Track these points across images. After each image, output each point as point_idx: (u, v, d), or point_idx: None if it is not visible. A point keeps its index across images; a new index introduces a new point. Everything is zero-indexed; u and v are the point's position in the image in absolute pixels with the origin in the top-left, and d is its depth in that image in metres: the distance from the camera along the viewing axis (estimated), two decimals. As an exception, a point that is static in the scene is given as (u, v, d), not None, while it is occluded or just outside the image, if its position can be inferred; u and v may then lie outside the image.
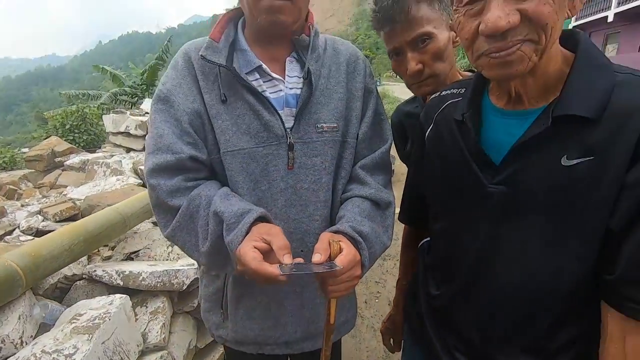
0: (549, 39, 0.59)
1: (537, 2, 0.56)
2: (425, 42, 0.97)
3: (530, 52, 0.60)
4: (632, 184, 0.58)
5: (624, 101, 0.60)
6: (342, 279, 0.75)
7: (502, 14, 0.57)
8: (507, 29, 0.57)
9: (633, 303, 0.60)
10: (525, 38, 0.59)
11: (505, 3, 0.57)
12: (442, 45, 0.97)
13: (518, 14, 0.57)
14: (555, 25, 0.59)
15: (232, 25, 0.93)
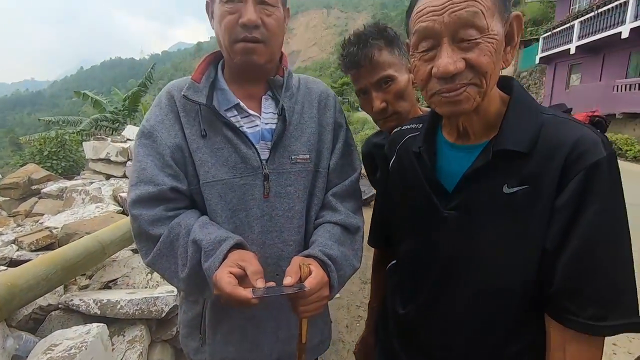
0: (488, 83, 0.71)
1: (478, 53, 0.67)
2: (388, 84, 1.08)
3: (475, 94, 0.71)
4: (560, 209, 0.69)
5: (550, 138, 0.71)
6: (312, 300, 0.80)
7: (451, 61, 0.67)
8: (455, 73, 0.68)
9: (569, 314, 0.68)
10: (469, 82, 0.70)
11: (453, 52, 0.68)
12: (403, 86, 1.09)
13: (463, 61, 0.68)
14: (493, 73, 0.70)
15: (213, 67, 1.02)
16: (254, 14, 0.87)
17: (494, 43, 0.67)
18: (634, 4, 12.34)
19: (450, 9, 0.65)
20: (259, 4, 0.88)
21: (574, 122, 0.74)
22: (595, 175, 0.66)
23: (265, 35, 0.90)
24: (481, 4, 0.64)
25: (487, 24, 0.65)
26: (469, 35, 0.65)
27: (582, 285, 0.67)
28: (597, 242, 0.66)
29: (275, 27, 0.92)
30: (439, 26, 0.66)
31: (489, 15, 0.65)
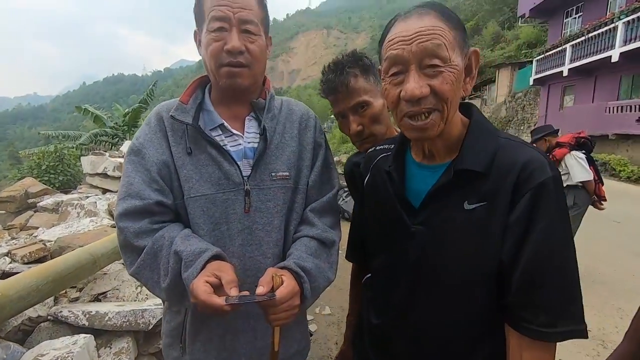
0: (449, 109, 0.79)
1: (441, 81, 0.76)
2: (364, 108, 1.15)
3: (439, 120, 0.79)
4: (512, 224, 0.75)
5: (504, 159, 0.79)
6: (282, 308, 0.84)
7: (417, 86, 0.75)
8: (420, 97, 0.76)
9: (523, 322, 0.74)
10: (433, 107, 0.77)
11: (419, 78, 0.76)
12: (378, 111, 1.16)
13: (428, 87, 0.76)
14: (453, 100, 0.78)
15: (200, 90, 1.10)
16: (238, 42, 0.95)
17: (455, 73, 0.75)
18: (623, 29, 12.74)
19: (418, 40, 0.73)
20: (243, 32, 0.97)
21: (525, 146, 0.82)
22: (542, 194, 0.73)
23: (249, 60, 0.98)
24: (444, 37, 0.73)
25: (449, 55, 0.74)
26: (433, 63, 0.74)
27: (533, 295, 0.73)
28: (545, 256, 0.72)
29: (258, 53, 1.00)
30: (407, 54, 0.74)
31: (450, 48, 0.74)
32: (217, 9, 0.94)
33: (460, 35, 0.77)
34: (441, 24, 0.74)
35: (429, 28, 0.73)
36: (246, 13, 0.95)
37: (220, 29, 0.95)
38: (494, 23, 30.71)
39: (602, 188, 3.93)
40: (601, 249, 5.06)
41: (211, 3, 0.95)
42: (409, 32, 0.74)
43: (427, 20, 0.74)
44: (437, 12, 0.75)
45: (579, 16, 17.12)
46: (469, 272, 0.80)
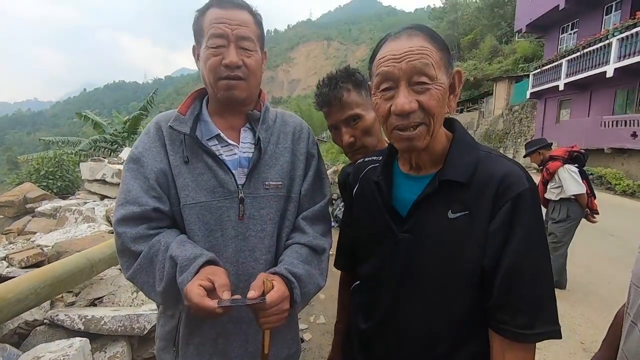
0: (435, 123, 0.84)
1: (428, 97, 0.81)
2: (356, 121, 1.21)
3: (425, 133, 0.84)
4: (493, 233, 0.80)
5: (485, 172, 0.84)
6: (272, 312, 0.87)
7: (407, 101, 0.80)
8: (410, 112, 0.81)
9: (503, 324, 0.79)
10: (421, 121, 0.83)
11: (409, 94, 0.81)
12: (369, 124, 1.21)
13: (417, 102, 0.81)
14: (439, 115, 0.84)
15: (198, 102, 1.15)
16: (236, 56, 1.00)
17: (441, 90, 0.81)
18: (617, 45, 12.98)
19: (408, 59, 0.79)
20: (240, 48, 1.02)
21: (503, 159, 0.87)
22: (520, 204, 0.78)
23: (245, 73, 1.04)
24: (431, 57, 0.79)
25: (436, 74, 0.80)
26: (421, 80, 0.79)
27: (511, 299, 0.78)
28: (522, 263, 0.78)
29: (254, 66, 1.06)
30: (397, 71, 0.79)
31: (437, 67, 0.80)
32: (215, 26, 0.99)
33: (446, 57, 0.83)
34: (429, 45, 0.80)
35: (418, 48, 0.79)
36: (243, 30, 1.01)
37: (218, 45, 1.00)
38: (492, 37, 31.18)
39: (594, 201, 3.99)
40: (596, 262, 5.09)
41: (210, 21, 1.00)
42: (400, 51, 0.80)
43: (416, 40, 0.80)
44: (425, 34, 0.81)
45: (574, 32, 17.45)
46: (452, 277, 0.84)
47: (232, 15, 1.00)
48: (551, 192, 4.05)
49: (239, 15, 1.02)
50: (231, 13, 1.00)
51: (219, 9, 1.01)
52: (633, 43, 12.34)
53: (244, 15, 1.03)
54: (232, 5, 1.02)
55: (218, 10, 1.01)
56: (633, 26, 12.36)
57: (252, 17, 1.05)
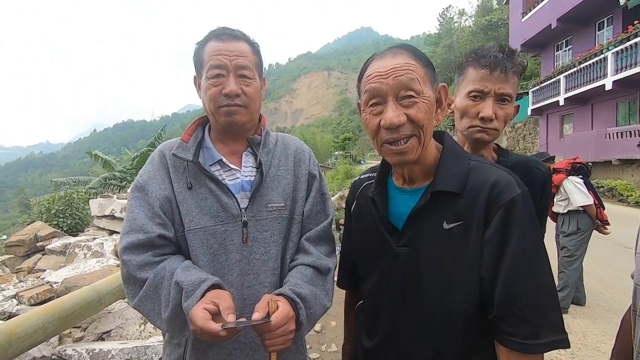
0: (425, 135, 0.86)
1: (416, 110, 0.84)
2: (506, 102, 1.15)
3: (416, 145, 0.86)
4: (488, 241, 0.80)
5: (476, 180, 0.85)
6: (277, 333, 0.86)
7: (395, 115, 0.82)
8: (398, 125, 0.84)
9: (507, 335, 0.77)
10: (411, 133, 0.85)
11: (397, 108, 0.84)
12: (511, 113, 1.17)
13: (405, 116, 0.84)
14: (428, 127, 0.86)
15: (201, 128, 1.19)
16: (235, 86, 1.05)
17: (427, 103, 0.84)
18: (613, 59, 13.16)
19: (394, 75, 0.83)
20: (239, 77, 1.06)
21: (493, 167, 0.89)
22: (512, 210, 0.79)
23: (245, 101, 1.08)
24: (416, 73, 0.83)
25: (421, 88, 0.83)
26: (408, 94, 0.83)
27: (512, 308, 0.76)
28: (519, 269, 0.77)
29: (254, 94, 1.10)
30: (385, 87, 0.83)
31: (422, 82, 0.83)
32: (215, 57, 1.04)
33: (430, 72, 0.86)
34: (413, 61, 0.84)
35: (402, 65, 0.83)
36: (242, 60, 1.05)
37: (218, 76, 1.05)
38: (488, 58, 31.69)
39: (603, 212, 3.92)
40: (614, 276, 4.93)
41: (209, 53, 1.05)
42: (386, 68, 0.83)
43: (400, 58, 0.84)
44: (408, 52, 0.86)
45: (569, 49, 17.75)
46: (451, 289, 0.84)
47: (230, 46, 1.05)
48: (559, 205, 4.00)
49: (237, 46, 1.06)
50: (229, 45, 1.05)
51: (217, 42, 1.05)
52: (629, 55, 12.50)
53: (242, 46, 1.07)
54: (230, 37, 1.06)
55: (217, 42, 1.05)
56: (627, 39, 12.57)
57: (249, 46, 1.09)
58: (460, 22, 46.77)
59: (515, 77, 1.14)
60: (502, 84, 1.12)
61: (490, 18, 33.71)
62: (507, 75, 1.11)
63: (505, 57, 1.11)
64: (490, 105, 1.13)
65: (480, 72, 1.14)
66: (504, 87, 1.12)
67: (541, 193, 1.20)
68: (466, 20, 46.14)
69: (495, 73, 1.12)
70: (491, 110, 1.12)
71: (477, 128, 1.16)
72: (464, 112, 1.18)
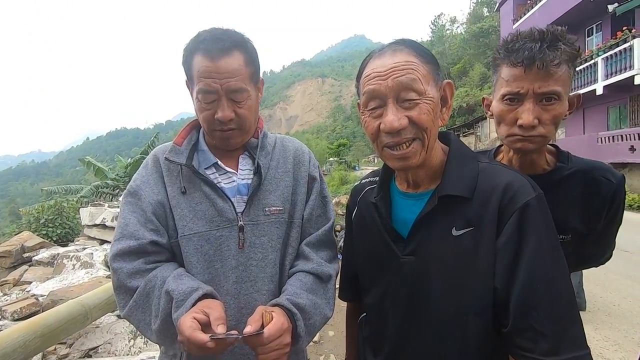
0: (429, 138, 0.80)
1: (418, 112, 0.77)
2: (552, 102, 0.92)
3: (420, 148, 0.80)
4: (501, 249, 0.74)
5: (486, 183, 0.79)
6: (272, 347, 0.80)
7: (395, 118, 0.76)
8: (400, 129, 0.77)
9: (524, 351, 0.70)
10: (414, 136, 0.79)
11: (397, 111, 0.78)
12: (563, 112, 0.94)
13: (407, 118, 0.78)
14: (432, 129, 0.80)
15: (195, 131, 1.13)
16: (228, 111, 0.97)
17: (431, 104, 0.77)
18: (603, 64, 13.38)
19: (393, 75, 0.76)
20: (230, 100, 0.98)
21: (505, 169, 0.82)
22: (527, 215, 0.72)
23: (239, 123, 1.01)
24: (418, 72, 0.76)
25: (424, 88, 0.76)
26: (409, 96, 0.76)
27: (530, 322, 0.70)
28: (537, 279, 0.70)
29: (248, 114, 1.02)
30: (384, 89, 0.76)
31: (425, 81, 0.77)
32: (204, 81, 0.94)
33: (434, 69, 0.79)
34: (414, 58, 0.77)
35: (402, 63, 0.76)
36: (233, 83, 0.95)
37: (210, 101, 0.97)
38: (480, 65, 32.26)
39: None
40: (613, 280, 4.90)
41: (198, 73, 0.95)
42: (385, 68, 0.77)
43: (400, 56, 0.77)
44: (409, 48, 0.79)
45: (560, 55, 18.04)
46: (462, 301, 0.77)
47: (220, 67, 0.94)
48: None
49: (228, 64, 0.94)
50: (220, 64, 0.94)
51: (206, 59, 0.94)
52: (618, 61, 12.74)
53: (233, 62, 0.95)
54: (219, 53, 0.94)
55: (205, 60, 0.94)
56: (616, 45, 12.80)
57: (242, 56, 0.98)
58: (452, 29, 47.55)
59: (563, 68, 0.90)
60: (543, 81, 0.90)
61: (481, 25, 34.30)
62: (549, 69, 0.89)
63: (545, 47, 0.88)
64: (529, 110, 0.92)
65: (513, 70, 0.93)
66: (545, 84, 0.90)
67: (608, 207, 1.01)
68: (458, 27, 46.92)
69: (532, 70, 0.90)
70: (532, 116, 0.91)
71: (517, 137, 0.96)
72: (501, 118, 0.99)
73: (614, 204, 1.02)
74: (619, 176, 1.02)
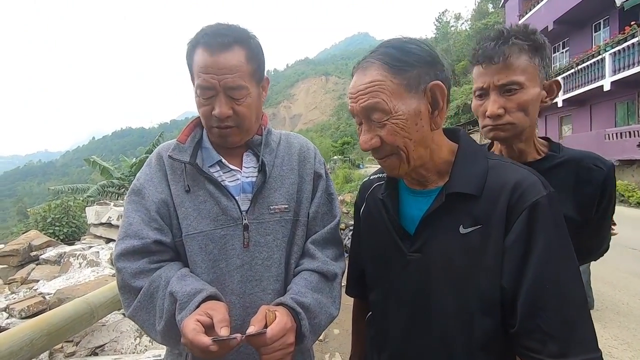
0: (407, 151, 0.79)
1: (386, 132, 0.78)
2: (513, 92, 0.99)
3: (397, 163, 0.81)
4: (509, 248, 0.72)
5: (495, 181, 0.77)
6: (274, 347, 0.79)
7: (366, 139, 0.79)
8: (372, 149, 0.80)
9: (532, 352, 0.69)
10: (389, 153, 0.80)
11: (369, 131, 0.80)
12: (529, 99, 0.99)
13: (378, 138, 0.79)
14: (407, 144, 0.78)
15: (199, 128, 1.11)
16: (225, 107, 0.95)
17: (400, 122, 0.77)
18: (610, 60, 13.19)
19: (360, 100, 0.78)
20: (229, 97, 0.96)
21: (516, 166, 0.81)
22: (536, 214, 0.71)
23: (237, 121, 0.99)
24: (382, 93, 0.76)
25: (391, 108, 0.76)
26: (377, 118, 0.77)
27: (537, 322, 0.68)
28: (546, 279, 0.69)
29: (246, 112, 1.00)
30: (356, 110, 0.80)
31: (394, 98, 0.76)
32: (203, 77, 0.94)
33: (411, 77, 0.76)
34: (381, 76, 0.76)
35: (368, 86, 0.77)
36: (232, 79, 0.94)
37: (208, 97, 0.96)
38: (485, 62, 31.86)
39: (611, 213, 3.84)
40: (621, 278, 4.84)
41: (198, 67, 0.95)
42: (354, 89, 0.80)
43: (368, 75, 0.78)
44: (380, 62, 0.77)
45: (566, 50, 17.84)
46: (469, 300, 0.76)
47: (219, 62, 0.93)
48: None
49: (227, 60, 0.93)
50: (219, 59, 0.93)
51: (206, 53, 0.93)
52: (626, 56, 12.55)
53: (234, 57, 0.94)
54: (220, 48, 0.93)
55: (206, 54, 0.93)
56: (624, 40, 12.61)
57: (244, 52, 0.96)
58: (457, 26, 47.20)
59: (521, 58, 0.98)
60: (501, 74, 0.99)
61: (486, 22, 33.97)
62: (508, 62, 0.98)
63: (500, 44, 0.98)
64: (493, 101, 1.01)
65: (477, 68, 1.05)
66: (504, 76, 0.99)
67: (600, 196, 1.04)
68: (462, 24, 46.57)
69: (490, 66, 1.00)
70: (495, 106, 1.00)
71: (489, 127, 1.05)
72: (476, 112, 1.09)
73: (606, 191, 1.05)
74: (609, 164, 1.07)
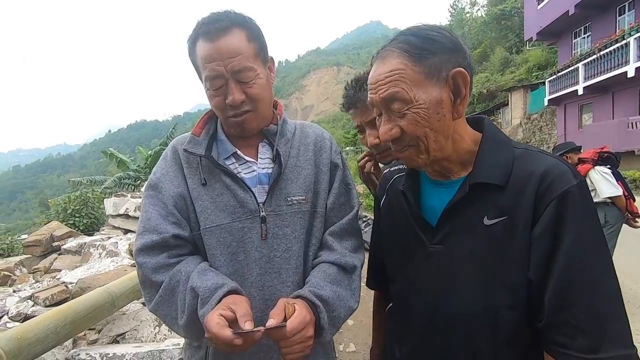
0: (427, 142, 0.76)
1: (407, 122, 0.75)
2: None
3: (415, 154, 0.78)
4: (537, 240, 0.70)
5: (522, 170, 0.74)
6: (294, 340, 0.79)
7: (385, 130, 0.77)
8: (392, 139, 0.78)
9: (560, 347, 0.67)
10: (407, 144, 0.78)
11: (388, 121, 0.78)
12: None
13: (398, 128, 0.76)
14: (427, 135, 0.76)
15: (213, 121, 1.11)
16: (237, 93, 0.95)
17: (421, 111, 0.74)
18: (636, 44, 12.64)
19: (379, 90, 0.76)
20: (238, 82, 0.95)
21: (543, 154, 0.77)
22: (566, 204, 0.68)
23: (252, 104, 0.98)
24: (402, 82, 0.73)
25: (412, 97, 0.73)
26: (397, 108, 0.75)
27: (566, 316, 0.66)
28: (577, 271, 0.66)
29: (259, 93, 0.99)
30: (375, 101, 0.78)
31: (414, 86, 0.73)
32: (209, 67, 0.93)
33: (433, 64, 0.74)
34: (401, 65, 0.74)
35: (387, 75, 0.75)
36: (237, 62, 0.93)
37: (218, 87, 0.95)
38: (501, 49, 31.08)
39: (633, 204, 3.72)
40: (643, 271, 4.70)
41: (202, 59, 0.94)
42: (373, 80, 0.78)
43: (387, 64, 0.76)
44: (400, 50, 0.75)
45: (588, 35, 17.15)
46: (494, 293, 0.74)
47: (221, 47, 0.92)
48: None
49: (228, 43, 0.93)
50: (220, 44, 0.92)
51: (206, 42, 0.93)
52: (652, 41, 12.00)
53: (234, 40, 0.93)
54: (219, 33, 0.92)
55: (206, 43, 0.93)
56: (650, 24, 12.06)
57: (244, 32, 0.96)
58: (472, 12, 45.89)
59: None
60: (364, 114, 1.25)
61: (503, 7, 32.89)
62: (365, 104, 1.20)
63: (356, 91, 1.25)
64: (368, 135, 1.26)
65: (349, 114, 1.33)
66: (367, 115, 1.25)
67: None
68: (478, 10, 45.25)
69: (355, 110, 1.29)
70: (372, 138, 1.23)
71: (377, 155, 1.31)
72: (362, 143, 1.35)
73: None
74: None
